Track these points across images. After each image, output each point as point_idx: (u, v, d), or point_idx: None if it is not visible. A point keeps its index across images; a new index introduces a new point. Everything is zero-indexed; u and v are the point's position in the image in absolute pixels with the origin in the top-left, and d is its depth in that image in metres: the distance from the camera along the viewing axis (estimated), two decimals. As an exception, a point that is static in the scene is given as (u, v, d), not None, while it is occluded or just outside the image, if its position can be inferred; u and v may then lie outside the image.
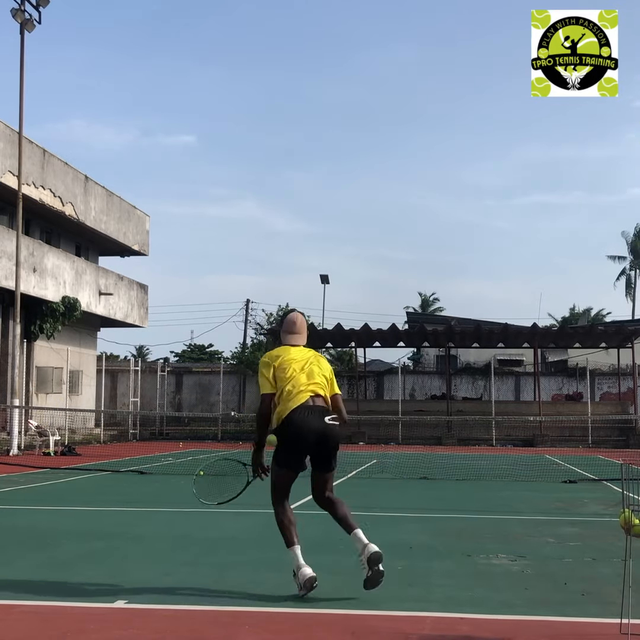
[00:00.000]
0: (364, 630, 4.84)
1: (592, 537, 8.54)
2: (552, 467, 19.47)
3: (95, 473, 16.49)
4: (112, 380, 38.95)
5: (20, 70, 23.61)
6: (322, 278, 53.37)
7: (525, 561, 7.00)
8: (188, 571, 6.36)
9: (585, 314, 61.07)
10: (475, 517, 10.13)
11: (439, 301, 64.99)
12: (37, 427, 23.79)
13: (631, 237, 66.12)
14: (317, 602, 5.47)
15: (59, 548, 7.64)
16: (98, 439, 30.71)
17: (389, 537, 8.40)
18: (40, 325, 28.20)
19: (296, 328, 6.05)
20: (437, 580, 6.22)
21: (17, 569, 6.57)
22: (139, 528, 9.01)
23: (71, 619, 5.02)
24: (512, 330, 35.17)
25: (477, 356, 42.70)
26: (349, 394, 39.93)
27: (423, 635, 4.75)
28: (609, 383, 39.32)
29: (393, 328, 34.87)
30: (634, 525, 4.65)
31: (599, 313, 64.03)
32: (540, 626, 4.97)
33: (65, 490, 13.35)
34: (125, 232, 33.72)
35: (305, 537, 8.34)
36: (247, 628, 4.84)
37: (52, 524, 9.23)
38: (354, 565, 6.35)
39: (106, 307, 32.41)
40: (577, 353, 39.59)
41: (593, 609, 5.36)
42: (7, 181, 25.01)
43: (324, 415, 5.69)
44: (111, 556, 7.16)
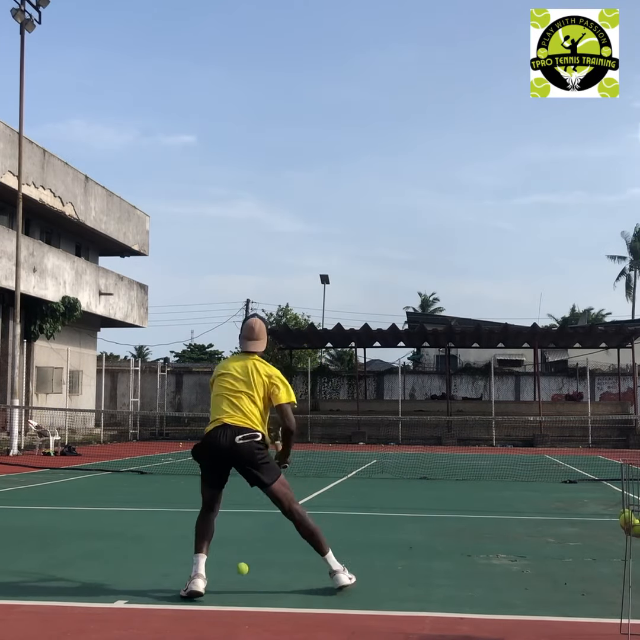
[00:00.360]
0: (364, 630, 4.84)
1: (592, 537, 8.54)
2: (552, 467, 19.47)
3: (96, 473, 16.49)
4: (112, 380, 38.95)
5: (20, 71, 23.63)
6: (322, 278, 53.40)
7: (525, 561, 7.00)
8: (188, 571, 6.34)
9: (585, 314, 61.08)
10: (475, 517, 10.13)
11: (438, 301, 65.08)
12: (37, 427, 23.78)
13: (631, 237, 66.15)
14: (317, 602, 5.47)
15: (59, 548, 7.64)
16: (98, 439, 30.71)
17: (389, 537, 8.41)
18: (40, 325, 28.20)
19: (254, 334, 5.92)
20: (437, 580, 6.22)
21: (17, 569, 6.57)
22: (139, 528, 9.01)
23: (71, 619, 5.03)
24: (512, 330, 35.17)
25: (477, 356, 42.70)
26: (349, 394, 39.96)
27: (423, 635, 4.75)
28: (609, 383, 39.32)
29: (393, 328, 34.87)
30: (634, 525, 4.65)
31: (599, 313, 64.08)
32: (540, 626, 4.97)
33: (65, 491, 13.35)
34: (125, 232, 33.73)
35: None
36: (247, 628, 4.84)
37: (52, 524, 9.23)
38: (353, 565, 6.35)
39: (106, 307, 32.42)
40: (577, 353, 39.59)
41: (593, 609, 5.36)
42: (7, 181, 25.01)
43: (236, 434, 5.63)
44: (111, 556, 7.16)
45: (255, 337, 5.89)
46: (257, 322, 5.96)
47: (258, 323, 5.96)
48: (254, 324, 5.94)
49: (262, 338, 5.92)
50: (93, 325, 34.01)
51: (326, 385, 41.29)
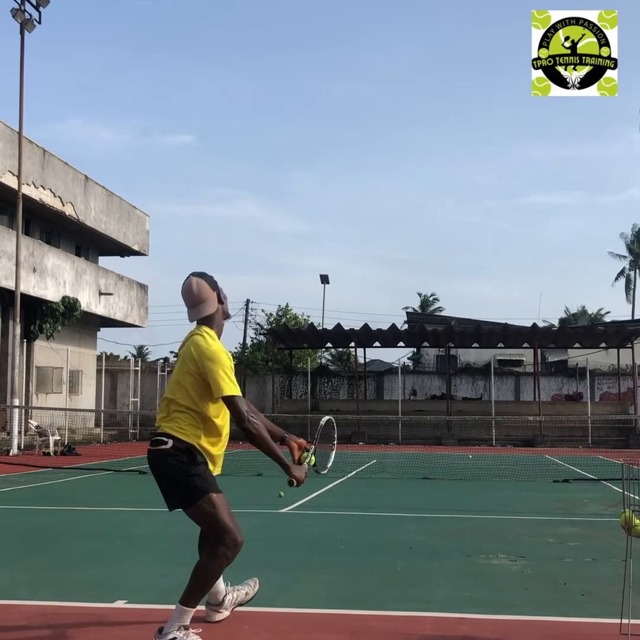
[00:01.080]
0: (363, 630, 4.84)
1: (592, 537, 8.54)
2: (552, 467, 19.47)
3: (95, 473, 16.49)
4: (112, 380, 38.94)
5: (20, 71, 23.63)
6: (322, 278, 53.42)
7: (525, 561, 7.00)
8: (188, 571, 6.32)
9: (585, 314, 61.10)
10: (475, 517, 10.13)
11: (438, 301, 65.11)
12: (37, 427, 23.77)
13: (630, 238, 66.13)
14: (317, 603, 5.47)
15: (59, 548, 7.64)
16: (98, 439, 30.71)
17: (388, 537, 8.41)
18: (40, 325, 28.20)
19: (194, 297, 4.60)
20: (437, 581, 6.22)
21: (17, 569, 6.56)
22: (139, 528, 9.01)
23: (71, 618, 5.02)
24: (512, 330, 35.17)
25: (477, 356, 42.69)
26: (349, 394, 39.95)
27: (423, 635, 4.75)
28: (609, 383, 39.32)
29: (393, 328, 34.87)
30: (634, 525, 4.65)
31: (599, 313, 64.10)
32: (540, 626, 4.97)
33: (65, 490, 13.35)
34: (125, 232, 33.72)
35: (305, 536, 8.36)
36: (247, 628, 4.84)
37: (52, 524, 9.23)
38: (354, 565, 6.37)
39: (106, 307, 32.42)
40: (577, 353, 39.59)
41: (593, 609, 5.35)
42: (7, 181, 25.01)
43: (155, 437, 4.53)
44: (111, 556, 7.16)
45: (195, 300, 4.59)
46: (193, 281, 4.60)
47: (194, 281, 4.60)
48: (190, 285, 4.59)
49: (205, 298, 4.58)
50: (93, 325, 34.01)
51: (326, 385, 41.29)
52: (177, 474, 4.41)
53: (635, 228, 65.87)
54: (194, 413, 4.46)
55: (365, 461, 20.25)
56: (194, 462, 4.41)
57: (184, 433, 4.43)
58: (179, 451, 4.41)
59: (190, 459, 4.41)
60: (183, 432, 4.43)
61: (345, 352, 48.83)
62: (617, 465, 17.27)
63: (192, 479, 4.39)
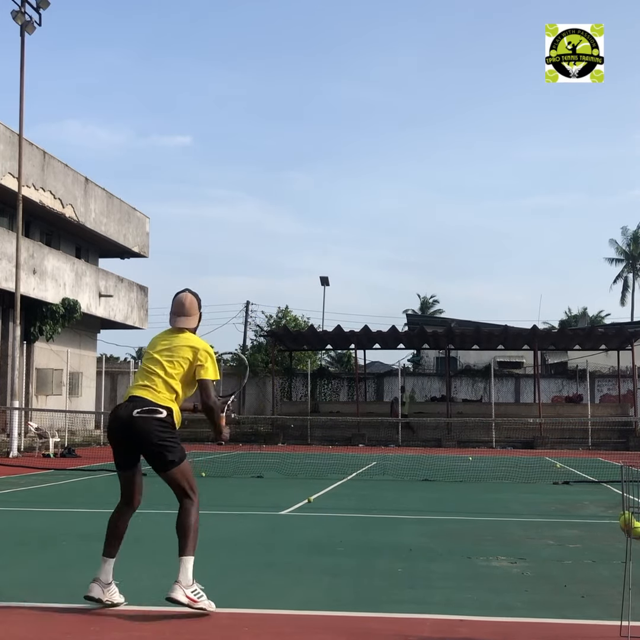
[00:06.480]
0: (363, 632, 4.83)
1: (592, 539, 8.54)
2: (552, 469, 19.46)
3: (95, 474, 16.48)
4: (112, 382, 38.94)
5: (20, 72, 23.62)
6: (322, 280, 53.43)
7: (525, 563, 7.00)
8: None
9: (586, 315, 61.11)
10: (475, 519, 10.13)
11: (438, 303, 65.19)
12: (37, 429, 23.77)
13: (628, 240, 66.10)
14: (316, 604, 5.47)
15: (59, 549, 7.64)
16: (98, 441, 30.67)
17: (388, 539, 8.41)
18: (40, 327, 28.20)
19: (185, 309, 5.53)
20: (437, 583, 6.22)
21: (16, 570, 6.56)
22: (138, 528, 8.98)
23: (71, 620, 5.02)
24: (512, 332, 35.17)
25: (477, 358, 42.70)
26: (349, 395, 39.95)
27: (423, 637, 4.75)
28: (609, 385, 39.33)
29: (393, 330, 34.87)
30: (634, 527, 4.65)
31: (599, 315, 64.11)
32: (540, 628, 4.96)
33: (65, 492, 13.35)
34: (125, 233, 33.74)
35: (306, 538, 8.35)
36: (246, 630, 4.84)
37: (52, 525, 9.23)
38: (354, 567, 6.37)
39: (106, 309, 32.42)
40: (577, 355, 39.59)
41: (593, 611, 5.35)
42: (7, 183, 25.03)
43: (137, 407, 5.29)
44: (111, 558, 7.14)
45: (186, 312, 5.53)
46: (188, 297, 5.58)
47: (189, 298, 5.58)
48: (184, 299, 5.56)
49: (193, 314, 5.55)
50: (93, 327, 34.01)
51: (326, 387, 41.30)
52: (165, 440, 5.24)
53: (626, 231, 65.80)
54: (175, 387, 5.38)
55: (365, 463, 20.24)
56: (175, 429, 5.33)
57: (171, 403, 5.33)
58: (168, 419, 5.29)
59: (173, 427, 5.32)
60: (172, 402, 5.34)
61: (345, 354, 48.82)
62: (617, 467, 17.26)
63: (178, 445, 5.31)
